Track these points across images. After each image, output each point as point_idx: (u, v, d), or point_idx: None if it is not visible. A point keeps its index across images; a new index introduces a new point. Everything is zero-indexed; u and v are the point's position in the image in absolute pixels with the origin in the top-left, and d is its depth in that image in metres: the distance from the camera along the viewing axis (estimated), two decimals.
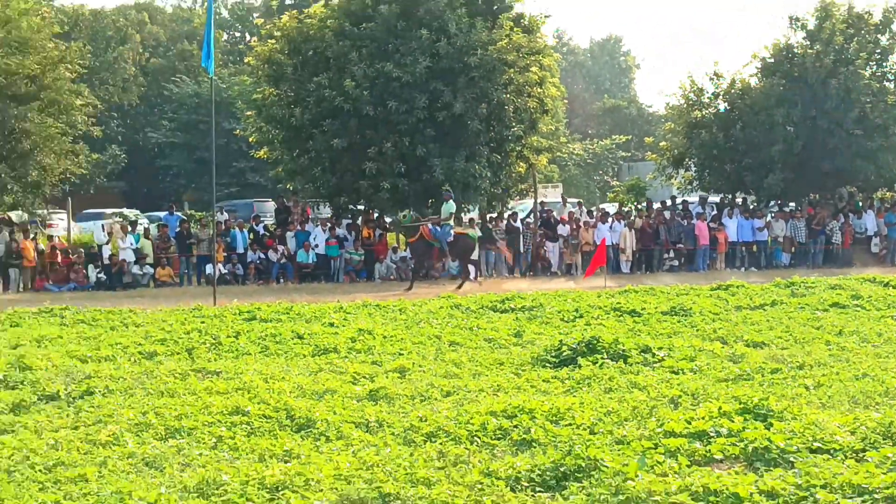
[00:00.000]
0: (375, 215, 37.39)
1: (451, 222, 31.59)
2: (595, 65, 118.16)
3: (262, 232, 36.34)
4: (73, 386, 13.35)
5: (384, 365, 14.86)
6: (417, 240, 31.34)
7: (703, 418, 10.41)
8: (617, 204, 47.09)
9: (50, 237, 37.50)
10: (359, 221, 36.34)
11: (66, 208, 40.68)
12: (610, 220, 37.35)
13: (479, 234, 33.56)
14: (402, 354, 15.88)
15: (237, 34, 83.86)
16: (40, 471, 9.38)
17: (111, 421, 11.23)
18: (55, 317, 21.72)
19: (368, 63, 33.10)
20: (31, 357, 15.34)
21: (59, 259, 33.95)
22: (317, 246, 34.62)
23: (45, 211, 40.42)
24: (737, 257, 38.06)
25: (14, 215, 39.55)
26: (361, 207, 37.00)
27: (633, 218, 38.09)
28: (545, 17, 37.94)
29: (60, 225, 43.18)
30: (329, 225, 35.44)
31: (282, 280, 34.22)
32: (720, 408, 10.76)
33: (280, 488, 8.62)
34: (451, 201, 31.39)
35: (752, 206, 40.55)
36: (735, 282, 26.13)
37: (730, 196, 42.00)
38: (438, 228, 31.04)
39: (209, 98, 40.87)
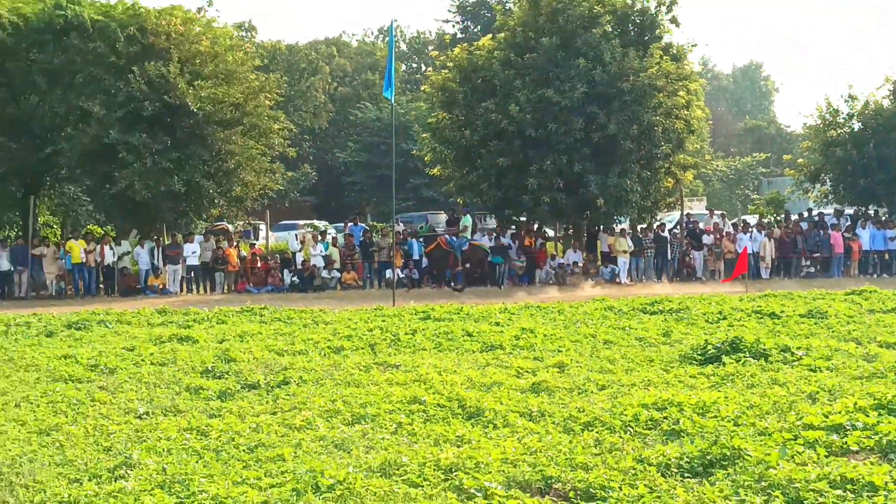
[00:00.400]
0: (536, 226, 37.35)
1: (468, 234, 31.96)
2: (737, 88, 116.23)
3: None
4: (271, 376, 13.61)
5: (545, 360, 14.80)
6: (435, 248, 31.78)
7: (839, 413, 10.15)
8: (757, 215, 46.09)
9: (251, 245, 38.34)
10: (521, 232, 36.33)
11: (264, 220, 41.52)
12: (751, 230, 36.65)
13: (490, 245, 33.98)
14: (561, 351, 15.81)
15: (414, 65, 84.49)
16: (243, 451, 9.57)
17: (305, 407, 11.42)
18: (255, 315, 22.18)
19: (531, 89, 33.04)
20: (235, 350, 15.70)
21: (259, 264, 34.68)
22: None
23: (247, 221, 41.32)
24: (869, 265, 36.92)
25: (230, 227, 40.59)
26: (524, 219, 36.93)
27: (772, 228, 37.33)
28: (692, 46, 37.44)
29: (259, 234, 44.15)
30: (494, 234, 35.54)
31: (452, 283, 34.35)
32: (856, 403, 10.48)
33: (453, 470, 8.64)
34: (468, 216, 32.46)
35: (883, 218, 39.33)
36: (868, 287, 25.43)
37: (863, 208, 40.82)
38: (455, 239, 31.24)
39: (389, 122, 41.42)
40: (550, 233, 39.32)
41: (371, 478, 8.51)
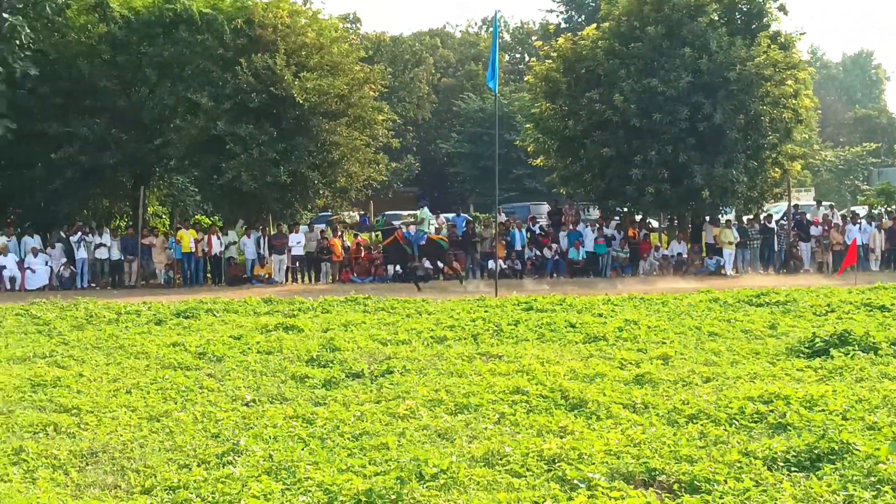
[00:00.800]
0: (640, 217, 37.07)
1: (425, 228, 30.93)
2: (847, 77, 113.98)
3: (537, 231, 36.55)
4: (375, 365, 13.74)
5: (649, 352, 14.72)
6: (391, 242, 30.90)
7: None
8: (867, 206, 45.16)
9: (355, 235, 38.64)
10: (625, 222, 36.11)
11: (368, 210, 41.83)
12: (860, 221, 35.96)
13: (447, 241, 32.38)
14: (665, 343, 15.69)
15: (517, 55, 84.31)
16: (348, 439, 9.69)
17: (408, 397, 11.51)
18: (359, 305, 22.34)
19: (636, 79, 32.79)
20: (340, 340, 15.86)
21: (363, 255, 34.96)
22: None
23: (352, 212, 41.60)
24: None
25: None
26: (627, 210, 36.68)
27: (882, 219, 36.54)
28: (800, 34, 36.77)
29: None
30: (598, 225, 35.40)
31: (555, 275, 34.30)
32: None
33: (556, 460, 8.65)
34: (425, 208, 31.30)
35: None
36: None
37: None
38: (412, 233, 30.55)
39: (493, 112, 41.35)
40: (654, 224, 38.98)
41: (474, 467, 8.56)
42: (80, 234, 34.07)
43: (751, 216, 35.84)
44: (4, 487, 8.36)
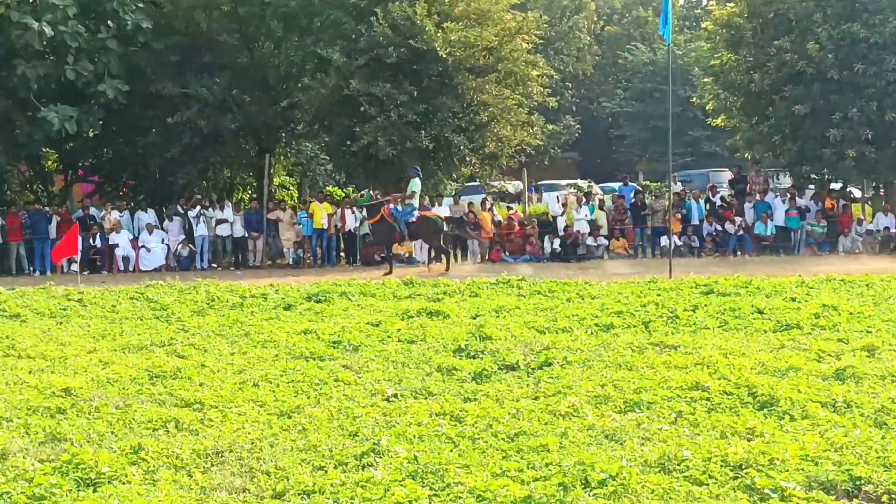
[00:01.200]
0: (839, 185, 36.36)
1: (415, 202, 29.92)
2: None
3: (718, 203, 36.11)
4: (531, 356, 13.76)
5: (851, 343, 14.45)
6: (379, 221, 29.88)
7: None
8: None
9: (508, 208, 38.70)
10: (822, 192, 35.46)
11: (521, 179, 41.84)
12: None
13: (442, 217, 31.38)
14: (871, 332, 15.37)
15: None
16: (503, 439, 9.74)
17: (570, 392, 11.51)
18: (512, 288, 22.40)
19: (833, 24, 32.21)
20: (491, 327, 15.93)
21: (516, 230, 35.02)
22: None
23: (502, 182, 41.69)
24: None
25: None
26: (825, 177, 36.00)
27: None
28: None
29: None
30: (789, 195, 34.76)
31: (739, 253, 33.88)
32: None
33: (744, 466, 8.58)
34: (415, 179, 30.05)
35: None
36: None
37: None
38: (399, 209, 29.62)
39: (665, 65, 41.08)
40: (856, 193, 38.21)
41: (647, 473, 8.54)
42: (198, 208, 34.81)
43: None
44: (123, 489, 8.59)
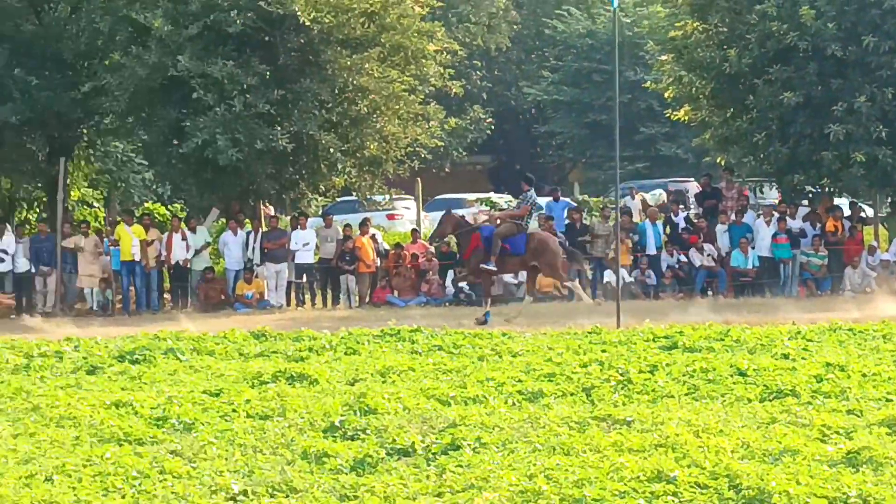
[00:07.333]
0: (844, 200, 36.88)
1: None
2: None
3: (681, 225, 36.35)
4: (432, 437, 13.74)
5: (865, 415, 14.62)
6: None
7: None
8: None
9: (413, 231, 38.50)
10: (820, 209, 35.91)
11: (413, 193, 41.80)
12: None
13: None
14: (892, 400, 15.56)
15: None
16: None
17: (486, 487, 11.50)
18: (403, 341, 22.39)
19: None
20: (375, 396, 15.88)
21: (408, 262, 34.89)
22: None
23: (388, 197, 41.59)
24: None
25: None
26: (823, 188, 36.52)
27: None
28: None
29: (406, 216, 44.46)
30: (777, 215, 35.08)
31: (710, 292, 34.16)
32: None
33: None
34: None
35: None
36: None
37: None
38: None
39: (608, 38, 41.28)
40: (867, 211, 38.74)
41: None
42: None
43: None
44: None
